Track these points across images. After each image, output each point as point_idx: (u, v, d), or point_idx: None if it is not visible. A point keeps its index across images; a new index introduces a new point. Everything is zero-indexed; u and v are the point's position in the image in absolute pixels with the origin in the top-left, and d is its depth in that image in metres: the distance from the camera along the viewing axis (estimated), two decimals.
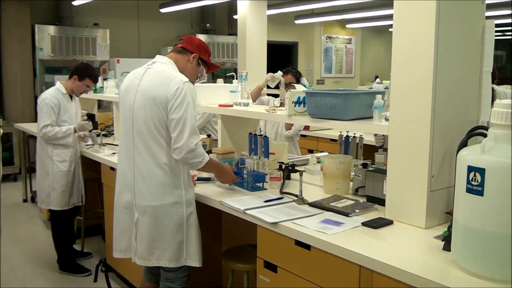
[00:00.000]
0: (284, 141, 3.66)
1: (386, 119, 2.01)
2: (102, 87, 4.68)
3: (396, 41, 1.88)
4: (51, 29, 7.10)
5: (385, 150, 2.64)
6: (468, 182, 1.40)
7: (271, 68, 4.40)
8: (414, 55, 1.81)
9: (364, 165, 2.37)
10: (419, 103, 1.81)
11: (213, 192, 2.46)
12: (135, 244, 2.24)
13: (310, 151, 4.89)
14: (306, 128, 4.65)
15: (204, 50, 2.37)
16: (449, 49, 1.81)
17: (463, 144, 1.61)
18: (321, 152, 4.02)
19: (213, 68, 2.45)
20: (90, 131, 3.78)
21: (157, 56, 2.34)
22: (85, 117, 3.85)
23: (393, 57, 1.89)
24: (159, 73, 2.19)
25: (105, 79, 4.76)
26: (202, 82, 2.79)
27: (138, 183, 2.20)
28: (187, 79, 2.17)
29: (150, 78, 2.19)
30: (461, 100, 1.90)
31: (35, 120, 4.15)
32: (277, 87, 3.77)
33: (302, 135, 4.49)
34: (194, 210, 2.26)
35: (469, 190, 1.40)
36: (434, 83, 1.77)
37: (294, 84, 3.06)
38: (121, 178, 2.28)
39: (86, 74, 3.69)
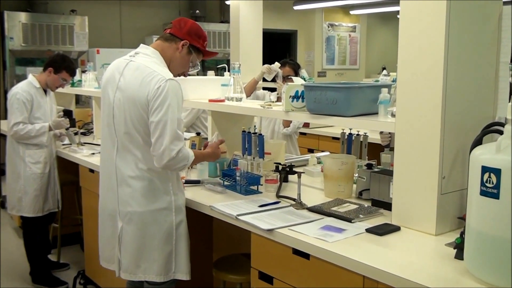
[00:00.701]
0: (281, 140, 3.67)
1: (393, 115, 2.02)
2: (80, 81, 4.66)
3: (403, 28, 1.89)
4: (23, 16, 7.07)
5: (392, 149, 2.65)
6: (482, 184, 1.41)
7: (268, 59, 4.40)
8: (422, 44, 1.82)
9: (369, 166, 2.38)
10: (428, 97, 1.81)
11: (203, 196, 2.46)
12: (119, 257, 2.24)
13: (310, 151, 4.90)
14: (306, 125, 4.67)
15: (196, 35, 2.30)
16: (461, 37, 1.82)
17: (477, 142, 1.61)
18: (322, 151, 4.02)
19: (208, 55, 2.38)
20: (67, 129, 3.77)
21: (141, 46, 2.29)
22: (61, 114, 3.85)
23: (399, 46, 1.90)
24: (140, 69, 2.15)
25: (83, 72, 4.74)
26: (196, 72, 2.78)
27: (122, 188, 2.19)
28: (170, 76, 2.14)
29: (130, 74, 2.16)
30: (475, 93, 1.90)
31: (5, 118, 4.13)
32: (274, 80, 3.77)
33: (301, 133, 4.51)
34: (184, 218, 2.26)
35: (483, 193, 1.41)
36: (444, 75, 1.78)
37: (292, 77, 3.06)
38: (104, 181, 2.28)
39: (63, 66, 3.68)
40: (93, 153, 3.61)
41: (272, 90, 4.08)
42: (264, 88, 4.32)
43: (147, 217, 2.17)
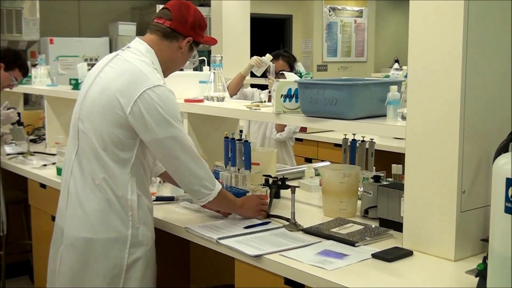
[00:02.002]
0: (273, 147, 3.68)
1: (403, 118, 2.04)
2: (30, 77, 4.64)
3: (414, 14, 1.91)
4: None
5: None
6: (507, 199, 1.43)
7: (257, 51, 4.43)
8: (437, 33, 1.84)
9: (376, 179, 2.40)
10: (445, 96, 1.84)
11: (177, 216, 2.46)
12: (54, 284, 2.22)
13: (308, 160, 4.92)
14: (303, 130, 4.69)
15: (200, 28, 2.25)
16: (483, 26, 1.84)
17: (502, 150, 1.63)
18: (322, 161, 4.04)
19: (208, 42, 2.34)
20: (13, 124, 3.72)
21: (136, 39, 2.24)
22: (8, 104, 3.79)
23: (410, 35, 1.92)
24: (125, 66, 2.11)
25: (33, 66, 4.71)
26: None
27: (72, 206, 2.15)
28: (161, 82, 2.09)
29: (112, 70, 2.13)
30: (500, 93, 1.93)
31: None
32: (264, 75, 3.79)
33: (297, 139, 4.53)
34: (143, 255, 2.16)
35: (508, 210, 1.43)
36: (463, 69, 1.80)
37: (285, 72, 3.08)
38: (61, 191, 2.26)
39: (17, 63, 3.67)
40: (45, 165, 3.59)
41: (263, 87, 4.10)
42: (252, 85, 4.34)
43: (93, 247, 2.11)
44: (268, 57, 3.74)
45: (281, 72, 3.66)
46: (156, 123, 2.04)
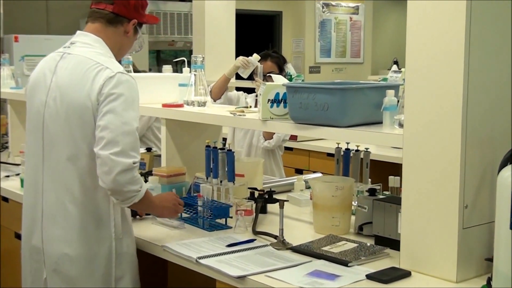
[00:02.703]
0: (260, 157, 3.68)
1: (401, 125, 2.05)
2: None
3: (412, 14, 1.92)
4: None
5: None
6: None
7: (243, 50, 4.43)
8: (437, 33, 1.85)
9: (372, 192, 2.40)
10: (446, 102, 1.85)
11: (153, 233, 2.45)
12: None
13: (299, 171, 4.92)
14: (293, 138, 4.69)
15: (142, 7, 2.31)
16: (486, 26, 1.86)
17: (507, 161, 1.65)
18: (314, 172, 4.04)
19: (150, 20, 2.38)
20: None
21: (78, 33, 2.28)
22: None
23: (408, 33, 1.93)
24: (79, 62, 2.15)
25: None
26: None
27: (49, 220, 2.17)
28: (121, 69, 2.15)
29: (66, 70, 2.16)
30: (504, 98, 1.94)
31: None
32: (251, 77, 3.79)
33: (286, 148, 4.53)
34: (129, 271, 2.22)
35: None
36: (466, 74, 1.81)
37: (273, 75, 3.09)
38: (27, 210, 2.26)
39: None
40: (8, 176, 3.57)
41: (250, 91, 4.10)
42: (238, 89, 4.35)
43: (79, 264, 2.15)
44: (256, 57, 3.74)
45: (269, 74, 3.67)
46: (118, 109, 2.07)
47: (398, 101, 2.16)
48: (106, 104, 2.07)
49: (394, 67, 2.93)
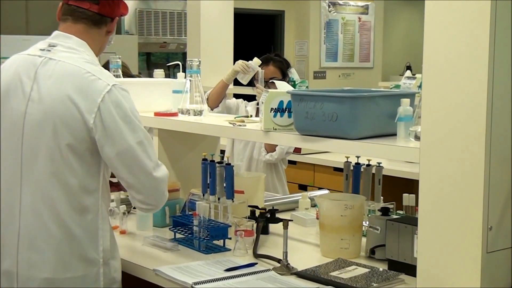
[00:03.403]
0: (261, 172, 3.68)
1: (417, 137, 2.04)
2: None
3: (431, 14, 1.92)
4: None
5: None
6: None
7: (242, 54, 4.44)
8: (459, 35, 1.85)
9: (385, 211, 2.40)
10: (468, 112, 1.84)
11: (144, 255, 2.45)
12: None
13: (303, 188, 4.92)
14: (297, 150, 4.69)
15: (123, 1, 2.33)
16: None
17: None
18: (319, 188, 4.03)
19: (125, 12, 2.37)
20: None
21: (57, 34, 2.23)
22: None
23: (425, 36, 1.93)
24: (68, 73, 2.10)
25: None
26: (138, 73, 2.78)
27: (25, 244, 2.14)
28: (114, 80, 2.13)
29: (52, 81, 2.10)
30: None
31: None
32: (251, 83, 3.80)
33: (290, 162, 4.53)
34: None
35: None
36: (490, 81, 1.80)
37: (276, 81, 3.09)
38: (3, 230, 2.22)
39: None
40: None
41: (250, 98, 4.10)
42: (237, 96, 4.35)
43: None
44: (256, 61, 3.74)
45: (271, 80, 3.67)
46: (129, 128, 2.09)
47: (413, 111, 2.16)
48: (112, 130, 2.08)
49: (408, 73, 2.93)
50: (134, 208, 2.93)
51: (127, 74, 4.50)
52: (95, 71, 2.12)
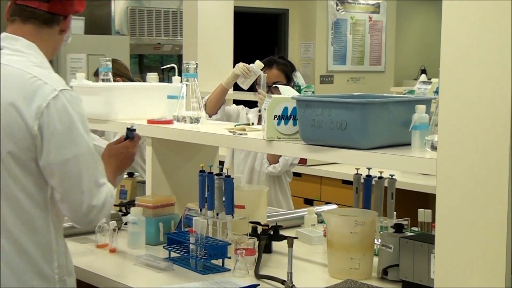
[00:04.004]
0: (263, 185, 3.67)
1: (433, 147, 2.04)
2: None
3: (448, 10, 1.92)
4: None
5: None
6: None
7: (243, 56, 4.44)
8: (480, 36, 1.85)
9: (398, 228, 2.39)
10: (490, 120, 1.83)
11: (136, 276, 2.45)
12: None
13: (309, 202, 4.91)
14: (302, 161, 4.68)
15: None
16: None
17: None
18: (327, 203, 4.02)
19: (81, 8, 2.33)
20: None
21: (4, 35, 2.20)
22: None
23: (443, 38, 1.92)
24: (12, 78, 2.08)
25: None
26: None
27: None
28: (63, 84, 2.11)
29: None
30: None
31: None
32: (253, 88, 3.79)
33: (295, 174, 4.52)
34: None
35: None
36: None
37: (280, 85, 3.09)
38: None
39: None
40: None
41: (252, 105, 4.10)
42: (237, 102, 4.35)
43: None
44: (258, 64, 3.74)
45: (274, 84, 3.67)
46: (70, 138, 2.06)
47: (430, 119, 2.16)
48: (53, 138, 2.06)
49: (423, 77, 2.93)
50: (126, 224, 2.94)
51: (127, 76, 4.50)
52: (42, 75, 2.10)
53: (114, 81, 3.56)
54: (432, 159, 1.98)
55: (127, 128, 2.55)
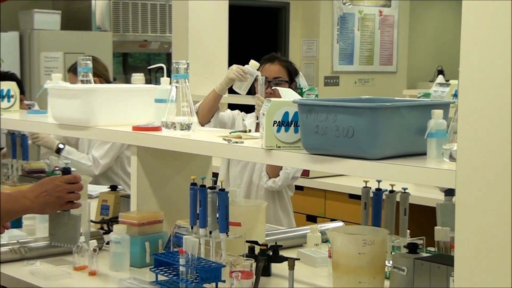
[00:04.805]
0: (262, 200, 3.67)
1: (452, 158, 2.04)
2: None
3: (468, 5, 1.92)
4: None
5: None
6: None
7: (240, 55, 4.44)
8: (503, 30, 1.85)
9: (412, 248, 2.38)
10: None
11: None
12: None
13: (311, 219, 4.92)
14: (305, 173, 4.68)
15: None
16: None
17: None
18: (332, 220, 4.02)
19: None
20: None
21: None
22: None
23: (463, 34, 1.92)
24: None
25: None
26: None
27: None
28: None
29: None
30: None
31: None
32: (250, 90, 3.79)
33: (297, 187, 4.52)
34: None
35: None
36: None
37: (280, 88, 3.09)
38: None
39: None
40: None
41: (249, 109, 4.10)
42: (232, 107, 4.35)
43: None
44: (254, 64, 3.74)
45: (276, 79, 3.67)
46: None
47: (448, 125, 2.16)
48: None
49: (439, 78, 2.95)
50: (107, 243, 2.93)
51: (105, 78, 4.51)
52: None
53: None
54: (450, 171, 1.98)
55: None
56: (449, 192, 3.00)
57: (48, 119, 3.40)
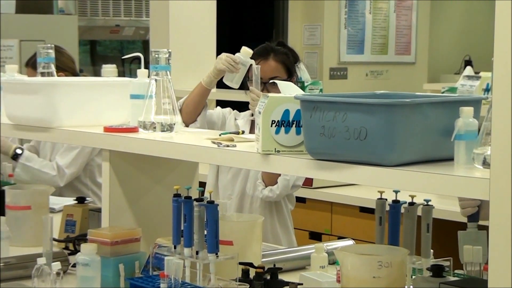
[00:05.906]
0: (258, 213, 3.67)
1: (485, 164, 2.04)
2: None
3: None
4: None
5: (483, 228, 2.67)
6: None
7: (230, 43, 4.45)
8: None
9: (437, 270, 2.39)
10: None
11: None
12: None
13: (316, 236, 4.93)
14: (307, 182, 4.69)
15: None
16: None
17: None
18: (340, 238, 4.03)
19: None
20: None
21: None
22: None
23: (497, 18, 1.93)
24: None
25: None
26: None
27: None
28: None
29: None
30: None
31: None
32: (243, 85, 3.80)
33: (298, 199, 4.53)
34: None
35: None
36: None
37: (279, 82, 3.09)
38: None
39: None
40: None
41: (242, 107, 4.11)
42: (222, 104, 4.35)
43: None
44: (246, 52, 3.72)
45: (271, 80, 3.68)
46: None
47: (479, 125, 2.16)
48: None
49: (468, 70, 2.94)
50: (74, 266, 2.93)
51: (72, 71, 4.51)
52: None
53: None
54: (483, 179, 1.98)
55: None
56: (473, 218, 3.02)
57: (1, 118, 3.39)
